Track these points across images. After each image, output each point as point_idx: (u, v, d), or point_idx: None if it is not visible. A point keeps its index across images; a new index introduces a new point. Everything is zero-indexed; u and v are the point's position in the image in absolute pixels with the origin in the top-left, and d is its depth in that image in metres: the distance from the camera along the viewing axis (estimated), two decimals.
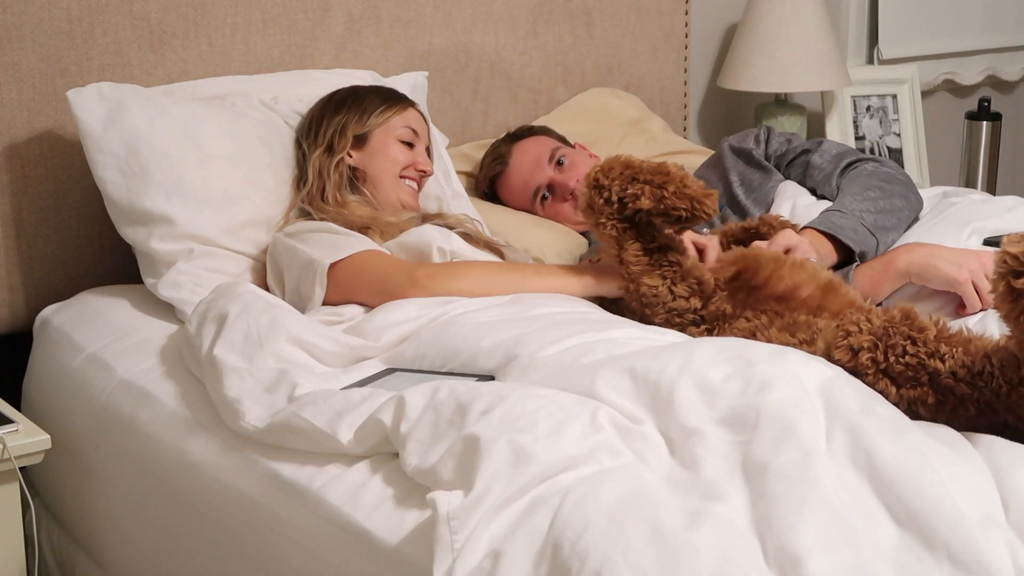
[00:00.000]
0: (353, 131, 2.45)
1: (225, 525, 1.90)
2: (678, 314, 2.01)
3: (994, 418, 1.64)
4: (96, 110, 2.38)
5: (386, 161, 2.44)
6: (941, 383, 1.66)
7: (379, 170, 2.44)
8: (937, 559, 1.35)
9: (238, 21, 2.72)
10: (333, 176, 2.41)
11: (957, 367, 1.65)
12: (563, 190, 2.70)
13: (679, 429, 1.58)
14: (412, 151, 2.48)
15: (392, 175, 2.44)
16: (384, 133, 2.46)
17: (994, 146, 3.67)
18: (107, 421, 2.17)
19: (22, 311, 2.54)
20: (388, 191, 2.43)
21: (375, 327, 2.02)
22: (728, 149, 2.66)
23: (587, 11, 3.27)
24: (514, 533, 1.45)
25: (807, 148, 2.60)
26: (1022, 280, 1.54)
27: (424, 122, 2.56)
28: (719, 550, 1.36)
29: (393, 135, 2.46)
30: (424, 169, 2.49)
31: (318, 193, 2.40)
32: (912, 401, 1.67)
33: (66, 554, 2.39)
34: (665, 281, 2.01)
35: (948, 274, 2.13)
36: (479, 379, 1.82)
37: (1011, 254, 1.55)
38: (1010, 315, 1.58)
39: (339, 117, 2.47)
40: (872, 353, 1.70)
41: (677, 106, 3.51)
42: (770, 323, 1.93)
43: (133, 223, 2.37)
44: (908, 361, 1.67)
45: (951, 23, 4.15)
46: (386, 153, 2.45)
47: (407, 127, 2.48)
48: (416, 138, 2.49)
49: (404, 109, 2.50)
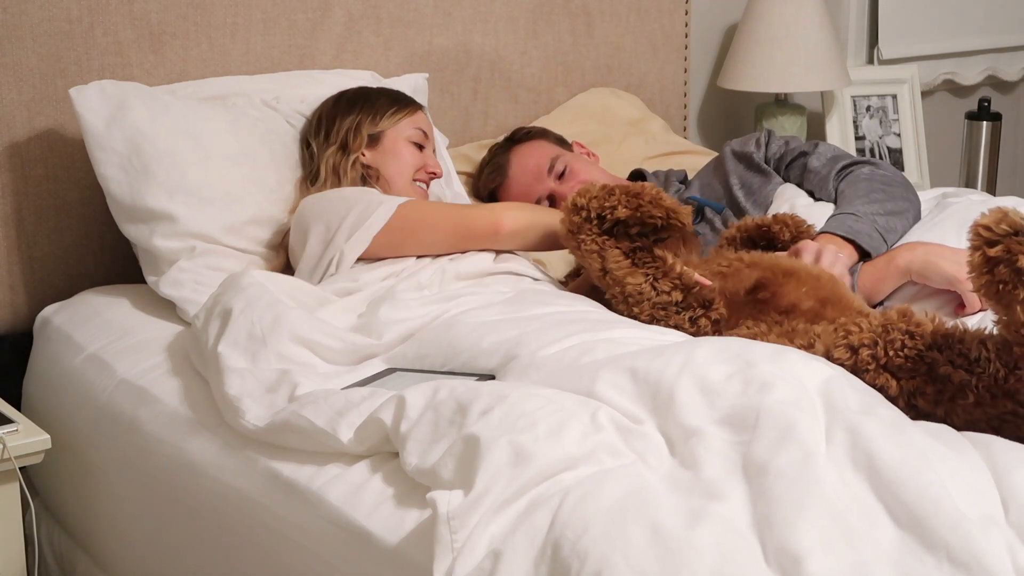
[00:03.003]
0: (367, 130, 2.46)
1: (225, 525, 1.90)
2: (662, 307, 2.04)
3: (993, 410, 1.65)
4: (98, 108, 2.38)
5: (399, 163, 2.45)
6: (939, 372, 1.68)
7: (393, 172, 2.45)
8: (937, 559, 1.35)
9: (238, 21, 2.72)
10: (350, 173, 2.42)
11: (954, 356, 1.68)
12: (564, 200, 2.69)
13: (680, 429, 1.58)
14: (422, 153, 2.49)
15: (406, 178, 2.45)
16: (396, 134, 2.47)
17: (994, 146, 3.67)
18: (107, 421, 2.17)
19: (22, 311, 2.55)
20: (401, 193, 2.43)
21: (380, 321, 2.02)
22: (730, 153, 2.67)
23: (587, 11, 3.27)
24: (514, 533, 1.45)
25: (804, 150, 2.62)
26: (996, 248, 1.58)
27: (431, 124, 2.57)
28: (719, 550, 1.36)
29: (404, 136, 2.47)
30: (434, 171, 2.50)
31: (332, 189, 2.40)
32: (912, 393, 1.69)
33: (66, 554, 2.39)
34: (647, 278, 2.05)
35: (948, 272, 2.14)
36: (480, 379, 1.82)
37: (983, 225, 1.60)
38: (989, 289, 1.62)
39: (352, 116, 2.47)
40: (872, 349, 1.73)
41: (677, 106, 3.51)
42: (768, 330, 1.95)
43: (135, 221, 2.37)
44: (907, 354, 1.70)
45: (951, 23, 4.15)
46: (398, 155, 2.46)
47: (417, 128, 2.49)
48: (426, 140, 2.50)
49: (414, 111, 2.51)
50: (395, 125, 2.47)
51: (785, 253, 2.25)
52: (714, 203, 2.60)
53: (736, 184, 2.61)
